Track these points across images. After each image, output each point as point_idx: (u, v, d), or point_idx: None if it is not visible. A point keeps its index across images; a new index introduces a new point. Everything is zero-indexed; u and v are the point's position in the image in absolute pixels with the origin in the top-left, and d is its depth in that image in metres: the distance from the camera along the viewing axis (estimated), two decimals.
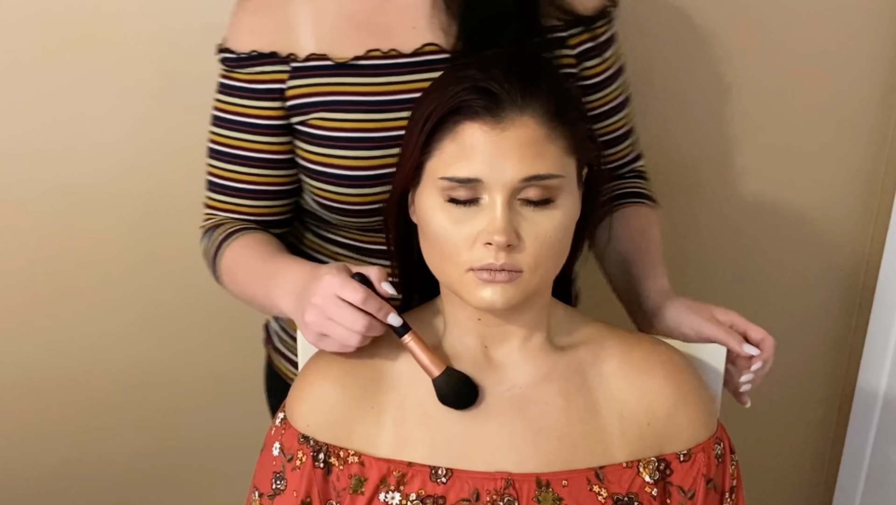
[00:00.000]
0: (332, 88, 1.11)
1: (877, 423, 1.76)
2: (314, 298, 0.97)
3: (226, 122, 1.16)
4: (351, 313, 0.95)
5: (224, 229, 1.16)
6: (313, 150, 1.13)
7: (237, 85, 1.15)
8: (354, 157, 1.11)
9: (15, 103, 1.51)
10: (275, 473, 1.02)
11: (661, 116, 1.61)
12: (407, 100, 1.10)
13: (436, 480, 0.97)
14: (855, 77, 1.63)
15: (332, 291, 0.96)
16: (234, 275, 1.14)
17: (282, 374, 1.33)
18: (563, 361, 1.01)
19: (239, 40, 1.14)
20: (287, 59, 1.12)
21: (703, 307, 1.11)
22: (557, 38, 1.14)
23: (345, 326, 0.96)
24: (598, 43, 1.17)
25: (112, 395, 1.72)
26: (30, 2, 1.45)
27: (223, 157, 1.17)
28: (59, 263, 1.61)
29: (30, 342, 1.66)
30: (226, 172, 1.17)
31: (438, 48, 1.11)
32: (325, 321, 0.97)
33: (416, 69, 1.11)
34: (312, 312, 0.97)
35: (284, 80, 1.13)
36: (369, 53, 1.11)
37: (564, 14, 1.14)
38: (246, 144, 1.15)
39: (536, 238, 0.92)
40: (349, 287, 0.95)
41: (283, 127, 1.14)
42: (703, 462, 0.99)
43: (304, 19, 1.13)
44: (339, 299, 0.96)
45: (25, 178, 1.55)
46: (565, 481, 0.97)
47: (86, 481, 1.77)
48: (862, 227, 1.74)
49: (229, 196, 1.18)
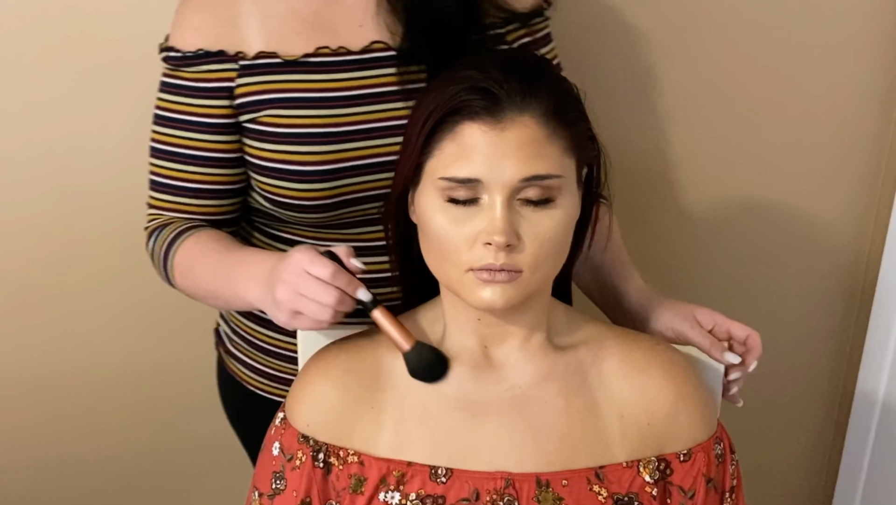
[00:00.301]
0: (282, 86, 1.12)
1: (877, 423, 1.76)
2: (284, 274, 0.98)
3: (171, 122, 1.15)
4: (321, 287, 0.96)
5: (173, 228, 1.15)
6: (264, 147, 1.13)
7: (183, 84, 1.14)
8: (306, 151, 1.11)
9: (15, 104, 1.51)
10: (274, 473, 1.02)
11: (661, 117, 1.61)
12: (356, 96, 1.12)
13: (435, 479, 0.97)
14: (855, 77, 1.63)
15: (301, 267, 0.97)
16: (189, 271, 1.14)
17: (236, 376, 1.33)
18: (563, 360, 1.01)
19: (184, 38, 1.14)
20: (235, 57, 1.13)
21: (685, 309, 1.13)
22: (497, 35, 1.17)
23: (316, 300, 0.97)
24: (535, 38, 1.20)
25: (112, 394, 1.71)
26: (30, 2, 1.45)
27: (168, 156, 1.16)
28: (58, 264, 1.61)
29: (29, 342, 1.66)
30: (171, 172, 1.16)
31: (386, 46, 1.13)
32: (296, 297, 0.97)
33: (365, 66, 1.13)
34: (283, 288, 0.98)
35: (233, 79, 1.13)
36: (319, 51, 1.13)
37: (503, 12, 1.17)
38: (192, 143, 1.15)
39: (536, 238, 0.92)
40: (318, 262, 0.97)
41: (231, 126, 1.14)
42: (703, 462, 0.99)
43: (251, 18, 1.13)
44: (309, 275, 0.97)
45: (25, 179, 1.55)
46: (565, 481, 0.97)
47: (86, 481, 1.77)
48: (862, 227, 1.74)
49: (175, 195, 1.17)
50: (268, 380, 1.28)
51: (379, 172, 1.13)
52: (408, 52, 1.12)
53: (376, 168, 1.12)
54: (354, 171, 1.12)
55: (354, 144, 1.12)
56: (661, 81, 1.59)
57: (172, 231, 1.15)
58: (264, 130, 1.13)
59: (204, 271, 1.12)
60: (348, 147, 1.11)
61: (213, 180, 1.16)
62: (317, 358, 1.05)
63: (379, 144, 1.12)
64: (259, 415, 1.26)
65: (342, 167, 1.11)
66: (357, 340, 1.06)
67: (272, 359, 1.27)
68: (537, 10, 1.21)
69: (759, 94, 1.62)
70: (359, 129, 1.12)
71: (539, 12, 1.21)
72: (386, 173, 1.12)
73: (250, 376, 1.30)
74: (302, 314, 0.99)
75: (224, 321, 1.34)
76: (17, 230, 1.58)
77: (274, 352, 1.26)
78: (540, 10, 1.21)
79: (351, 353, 1.03)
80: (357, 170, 1.12)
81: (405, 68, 1.12)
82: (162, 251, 1.15)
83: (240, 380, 1.32)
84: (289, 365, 1.26)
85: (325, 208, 1.14)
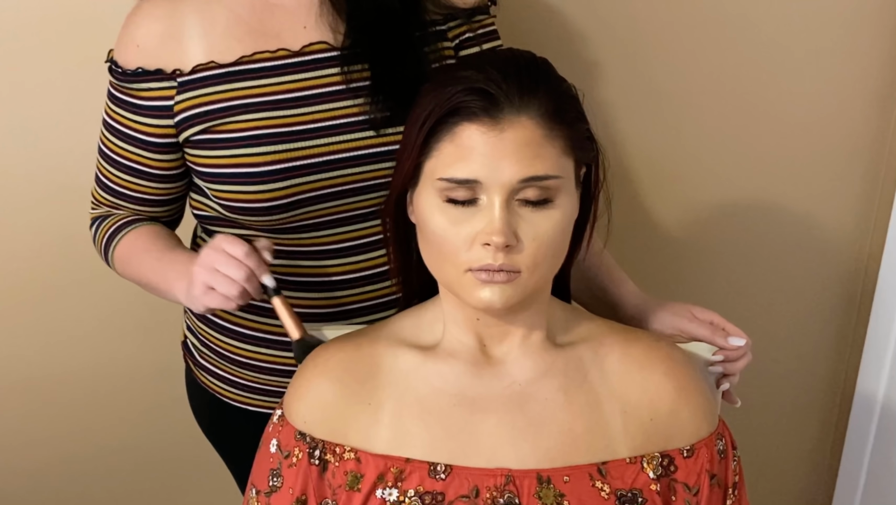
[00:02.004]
0: (222, 96, 1.13)
1: (876, 423, 1.76)
2: (203, 253, 1.08)
3: (115, 131, 1.19)
4: (234, 264, 1.06)
5: (115, 220, 1.23)
6: (213, 154, 1.14)
7: (125, 99, 1.17)
8: (256, 153, 1.12)
9: (15, 104, 1.51)
10: (271, 470, 1.02)
11: (659, 118, 1.61)
12: (301, 97, 1.13)
13: (434, 476, 0.97)
14: (855, 77, 1.63)
15: (219, 246, 1.07)
16: (127, 264, 1.22)
17: (207, 387, 1.33)
18: (563, 357, 1.01)
19: (127, 55, 1.15)
20: (172, 74, 1.14)
21: (682, 307, 1.15)
22: (438, 32, 1.18)
23: (228, 274, 1.06)
24: (476, 34, 1.21)
25: (113, 394, 1.71)
26: (30, 2, 1.46)
27: (112, 162, 1.21)
28: (57, 263, 1.60)
29: (28, 341, 1.66)
30: (113, 177, 1.21)
31: (328, 45, 1.14)
32: (210, 272, 1.07)
33: (307, 67, 1.14)
34: (200, 265, 1.08)
35: (172, 97, 1.14)
36: (255, 55, 1.14)
37: (444, 9, 1.18)
38: (132, 157, 1.19)
39: (535, 238, 0.92)
40: (236, 243, 1.07)
41: (171, 145, 1.17)
42: (706, 458, 0.99)
43: (193, 30, 1.14)
44: (225, 252, 1.06)
45: (25, 179, 1.55)
46: (567, 477, 0.96)
47: (86, 481, 1.77)
48: (862, 228, 1.74)
49: (115, 197, 1.23)
50: (240, 390, 1.29)
51: (330, 171, 1.14)
52: (350, 52, 1.14)
53: (327, 166, 1.14)
54: (305, 169, 1.13)
55: (303, 144, 1.13)
56: (660, 82, 1.59)
57: (115, 222, 1.22)
58: (211, 139, 1.14)
59: (141, 266, 1.20)
60: (297, 146, 1.13)
61: (151, 192, 1.21)
62: (315, 356, 1.05)
63: (327, 143, 1.13)
64: (233, 425, 1.28)
65: (292, 166, 1.13)
66: (355, 338, 1.06)
67: (243, 370, 1.27)
68: (481, 7, 1.21)
69: (759, 95, 1.62)
70: (306, 128, 1.13)
71: (483, 9, 1.22)
72: (337, 171, 1.14)
73: (221, 387, 1.30)
74: (213, 290, 1.07)
75: (192, 333, 1.34)
76: (16, 230, 1.58)
77: (245, 363, 1.27)
78: (484, 8, 1.22)
79: (349, 351, 1.03)
80: (307, 168, 1.13)
81: (348, 67, 1.14)
82: (103, 242, 1.23)
83: (211, 391, 1.32)
84: (260, 375, 1.27)
85: (279, 209, 1.15)
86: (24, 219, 1.58)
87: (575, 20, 1.51)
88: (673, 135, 1.63)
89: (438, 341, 1.02)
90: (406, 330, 1.05)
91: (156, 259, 1.18)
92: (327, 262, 1.20)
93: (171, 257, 1.17)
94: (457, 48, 1.20)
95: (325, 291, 1.21)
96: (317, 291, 1.21)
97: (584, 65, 1.54)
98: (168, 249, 1.19)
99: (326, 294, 1.22)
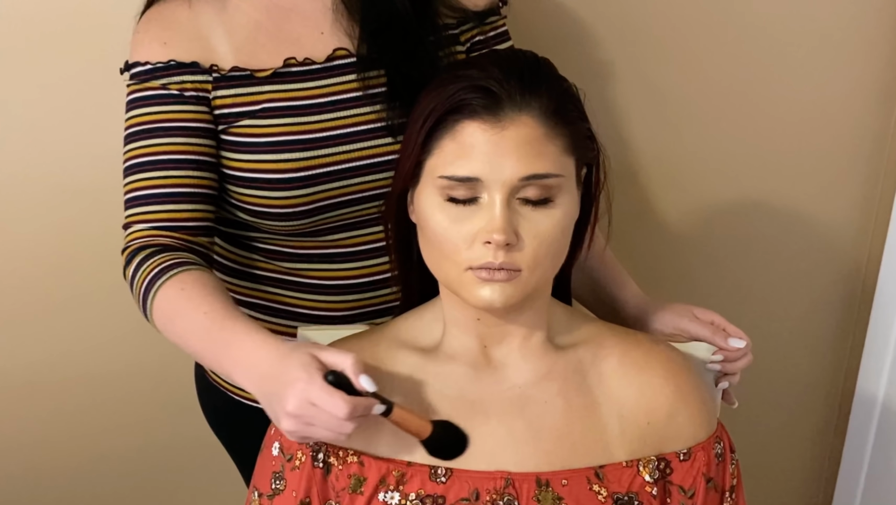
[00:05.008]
0: (256, 98, 1.13)
1: (876, 423, 1.76)
2: (289, 406, 0.90)
3: (142, 134, 1.12)
4: (335, 421, 0.90)
5: (158, 262, 1.07)
6: (240, 158, 1.14)
7: (155, 93, 1.12)
8: (281, 160, 1.12)
9: (15, 104, 1.51)
10: (274, 473, 1.02)
11: (659, 118, 1.61)
12: (323, 104, 1.14)
13: (435, 479, 0.97)
14: (855, 77, 1.63)
15: (307, 399, 0.90)
16: (171, 322, 1.06)
17: (218, 385, 1.32)
18: (563, 360, 1.01)
19: (152, 52, 1.13)
20: (210, 69, 1.13)
21: (683, 308, 1.15)
22: (451, 36, 1.18)
23: (330, 430, 0.91)
24: (487, 36, 1.21)
25: (114, 395, 1.71)
26: (32, 3, 1.45)
27: (142, 167, 1.12)
28: (59, 265, 1.60)
29: (30, 344, 1.66)
30: (145, 182, 1.11)
31: (348, 52, 1.15)
32: (306, 427, 0.92)
33: (328, 74, 1.15)
34: (291, 422, 0.92)
35: (209, 90, 1.13)
36: (288, 62, 1.14)
37: (455, 12, 1.19)
38: (168, 147, 1.11)
39: (535, 237, 0.92)
40: (329, 401, 0.89)
41: (209, 130, 1.13)
42: (703, 461, 0.99)
43: (216, 31, 1.14)
44: (326, 413, 0.90)
45: (25, 179, 1.55)
46: (565, 480, 0.96)
47: (86, 481, 1.77)
48: (862, 227, 1.74)
49: (149, 205, 1.11)
50: None
51: (350, 178, 1.14)
52: (367, 58, 1.14)
53: (348, 174, 1.14)
54: (327, 176, 1.13)
55: (325, 151, 1.13)
56: (661, 82, 1.59)
57: (157, 265, 1.06)
58: (240, 141, 1.13)
59: (188, 330, 1.04)
60: (320, 154, 1.13)
61: (190, 183, 1.12)
62: None
63: (348, 150, 1.14)
64: (248, 425, 1.26)
65: (315, 173, 1.12)
66: (357, 339, 1.05)
67: None
68: (492, 9, 1.22)
69: (760, 95, 1.62)
70: (328, 135, 1.13)
71: (494, 11, 1.22)
72: (357, 178, 1.14)
73: (236, 386, 1.29)
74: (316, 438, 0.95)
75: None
76: (17, 230, 1.58)
77: None
78: (495, 9, 1.22)
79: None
80: (329, 175, 1.13)
81: (365, 73, 1.14)
82: (142, 287, 1.07)
83: (225, 391, 1.31)
84: None
85: (301, 215, 1.15)
86: (32, 223, 1.57)
87: (581, 21, 1.51)
88: (673, 135, 1.63)
89: (439, 342, 1.02)
90: (406, 332, 1.05)
91: (202, 327, 1.02)
92: (341, 265, 1.20)
93: (224, 337, 1.01)
94: (468, 51, 1.20)
95: (338, 294, 1.21)
96: (330, 294, 1.21)
97: (590, 65, 1.54)
98: (217, 313, 1.02)
99: (339, 297, 1.22)
